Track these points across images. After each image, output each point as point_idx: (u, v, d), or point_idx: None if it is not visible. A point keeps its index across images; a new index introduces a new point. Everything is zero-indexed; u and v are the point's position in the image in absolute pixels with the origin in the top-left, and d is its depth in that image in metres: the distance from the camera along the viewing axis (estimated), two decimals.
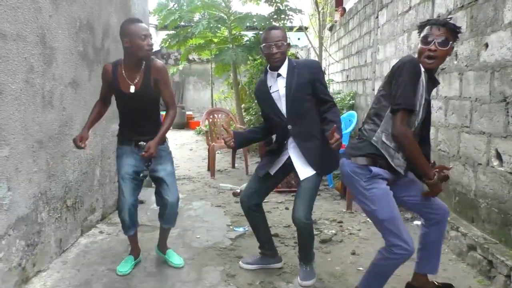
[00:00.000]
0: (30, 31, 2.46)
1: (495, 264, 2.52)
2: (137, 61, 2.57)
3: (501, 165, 2.67)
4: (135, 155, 2.64)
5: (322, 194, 4.76)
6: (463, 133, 3.14)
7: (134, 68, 2.58)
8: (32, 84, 2.50)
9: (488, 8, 2.79)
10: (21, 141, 2.40)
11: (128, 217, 2.65)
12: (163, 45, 7.70)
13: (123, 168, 2.66)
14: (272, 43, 2.44)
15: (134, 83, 2.57)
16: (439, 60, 2.07)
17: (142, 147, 2.58)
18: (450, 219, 3.15)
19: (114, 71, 2.60)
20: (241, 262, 2.87)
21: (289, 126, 2.51)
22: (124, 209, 2.63)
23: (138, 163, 2.65)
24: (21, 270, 2.42)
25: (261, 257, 2.85)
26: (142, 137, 2.63)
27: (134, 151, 2.65)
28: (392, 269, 2.16)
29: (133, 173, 2.65)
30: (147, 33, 2.51)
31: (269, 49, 2.45)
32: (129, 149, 2.67)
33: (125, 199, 2.63)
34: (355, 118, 5.24)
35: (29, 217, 2.50)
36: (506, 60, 2.59)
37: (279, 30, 2.50)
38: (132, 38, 2.47)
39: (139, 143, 2.62)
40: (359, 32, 6.47)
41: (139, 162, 2.64)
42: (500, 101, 2.65)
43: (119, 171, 2.69)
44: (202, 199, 4.45)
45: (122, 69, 2.59)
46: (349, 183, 2.27)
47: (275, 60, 2.47)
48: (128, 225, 2.68)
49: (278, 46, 2.44)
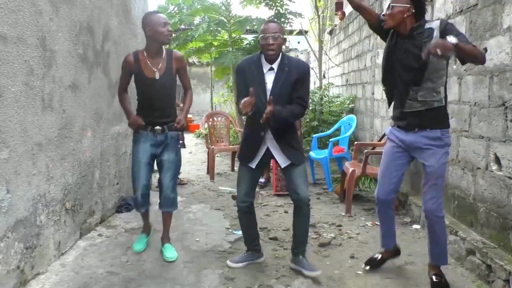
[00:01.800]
0: (30, 34, 2.47)
1: (494, 269, 2.52)
2: (159, 48, 2.87)
3: (500, 169, 2.68)
4: (150, 140, 2.91)
5: (321, 197, 4.76)
6: (462, 137, 3.15)
7: (156, 55, 2.87)
8: (32, 87, 2.51)
9: (487, 13, 2.80)
10: (21, 144, 2.40)
11: (141, 197, 2.96)
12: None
13: (139, 152, 2.93)
14: (270, 34, 2.54)
15: (158, 68, 2.86)
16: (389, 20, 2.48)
17: (158, 131, 2.89)
18: (449, 223, 3.16)
19: (136, 59, 2.87)
20: (229, 261, 2.90)
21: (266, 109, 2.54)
22: (138, 189, 2.94)
23: (152, 148, 2.93)
24: (20, 273, 2.42)
25: (248, 254, 2.95)
26: (160, 119, 2.90)
27: (149, 135, 2.91)
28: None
29: (147, 158, 2.93)
30: (166, 21, 2.83)
31: (266, 40, 2.55)
32: (145, 133, 2.92)
33: (139, 181, 2.94)
34: (354, 122, 5.25)
35: (28, 219, 2.50)
36: (505, 65, 2.59)
37: (276, 24, 2.65)
38: (154, 26, 2.78)
39: (155, 127, 2.89)
40: (359, 36, 6.48)
41: (153, 147, 2.93)
42: (499, 106, 2.66)
43: (134, 155, 2.96)
44: (202, 202, 4.45)
45: (145, 57, 2.86)
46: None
47: (271, 51, 2.56)
48: (141, 203, 3.00)
49: (274, 38, 2.54)
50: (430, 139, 2.46)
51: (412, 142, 2.52)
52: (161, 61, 2.86)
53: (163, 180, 2.96)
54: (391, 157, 2.64)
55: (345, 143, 5.27)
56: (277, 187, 4.80)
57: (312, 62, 11.00)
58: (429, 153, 2.47)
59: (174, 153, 2.99)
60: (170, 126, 2.95)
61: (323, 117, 6.73)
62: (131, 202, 4.04)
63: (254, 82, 2.60)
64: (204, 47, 7.70)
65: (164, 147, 2.94)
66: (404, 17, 2.44)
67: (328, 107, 6.93)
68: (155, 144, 2.92)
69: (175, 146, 2.99)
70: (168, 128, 2.94)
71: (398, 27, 2.49)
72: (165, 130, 2.92)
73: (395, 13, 2.44)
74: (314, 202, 4.58)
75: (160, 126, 2.90)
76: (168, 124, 2.93)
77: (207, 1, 7.08)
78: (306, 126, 6.66)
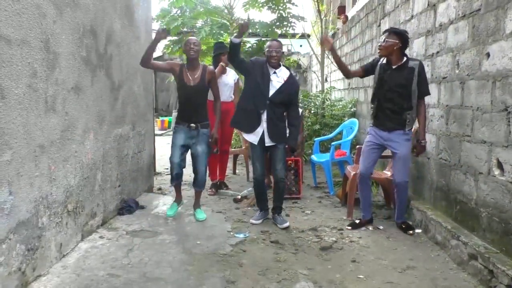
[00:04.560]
0: (34, 36, 2.48)
1: (496, 274, 2.51)
2: (193, 61, 3.83)
3: (502, 174, 2.67)
4: (186, 132, 3.85)
5: (322, 201, 4.75)
6: (464, 142, 3.14)
7: (193, 68, 3.85)
8: (35, 89, 2.52)
9: (489, 18, 2.80)
10: (24, 146, 2.41)
11: (175, 173, 3.93)
12: (165, 51, 7.73)
13: (177, 139, 3.87)
14: (273, 49, 3.72)
15: (194, 78, 3.82)
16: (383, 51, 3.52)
17: (193, 128, 3.82)
18: (451, 227, 3.15)
19: (180, 69, 3.85)
20: (252, 219, 3.93)
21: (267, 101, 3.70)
22: (173, 167, 3.90)
23: (186, 138, 3.86)
24: (21, 275, 2.42)
25: (262, 213, 3.98)
26: (194, 118, 3.83)
27: (184, 129, 3.86)
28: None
29: (182, 144, 3.86)
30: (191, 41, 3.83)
31: (271, 53, 3.71)
32: (182, 127, 3.86)
33: (174, 160, 3.88)
34: (356, 126, 5.25)
35: (30, 221, 2.50)
36: (508, 70, 2.59)
37: (278, 42, 3.81)
38: (185, 47, 3.87)
39: (191, 124, 3.82)
40: (361, 40, 6.49)
41: (188, 138, 3.86)
42: (502, 111, 2.66)
43: (173, 140, 3.89)
44: (203, 205, 4.43)
45: (186, 69, 3.86)
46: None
47: (274, 61, 3.72)
48: (174, 178, 3.98)
49: (277, 52, 3.73)
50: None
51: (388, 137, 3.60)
52: (197, 73, 3.82)
53: (197, 166, 3.90)
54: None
55: (347, 146, 5.27)
56: None
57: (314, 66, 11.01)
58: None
59: (205, 144, 3.87)
60: (203, 124, 3.85)
61: (325, 120, 6.74)
62: (132, 204, 4.07)
63: (263, 77, 3.69)
64: (206, 50, 7.72)
65: (198, 140, 3.83)
66: (394, 49, 3.43)
67: (330, 110, 6.94)
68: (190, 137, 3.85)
69: (205, 139, 3.87)
70: (201, 126, 3.85)
71: (390, 56, 3.48)
72: (198, 127, 3.83)
73: (388, 46, 3.44)
74: (316, 205, 4.58)
75: (194, 124, 3.81)
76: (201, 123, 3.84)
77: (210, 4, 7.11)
78: (308, 129, 6.66)
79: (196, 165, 3.90)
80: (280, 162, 3.80)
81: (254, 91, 3.71)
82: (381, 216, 4.13)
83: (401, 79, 3.44)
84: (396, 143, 3.53)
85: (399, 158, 3.54)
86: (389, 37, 3.43)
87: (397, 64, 3.47)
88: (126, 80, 4.12)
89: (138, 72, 4.50)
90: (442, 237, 3.25)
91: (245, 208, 4.40)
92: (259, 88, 3.68)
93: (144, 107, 4.71)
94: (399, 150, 3.52)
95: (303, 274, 2.84)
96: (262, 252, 3.20)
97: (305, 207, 4.44)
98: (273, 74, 3.72)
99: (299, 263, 3.03)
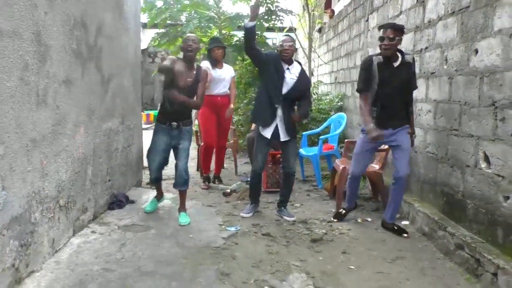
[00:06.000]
0: (25, 28, 2.43)
1: (482, 263, 2.60)
2: (189, 60, 3.65)
3: (489, 167, 2.76)
4: (167, 133, 3.67)
5: (311, 194, 4.82)
6: (452, 135, 3.23)
7: (188, 68, 3.65)
8: (27, 82, 2.47)
9: (478, 15, 2.87)
10: (16, 140, 2.37)
11: (155, 175, 3.85)
12: (152, 44, 7.64)
13: (157, 142, 3.70)
14: (286, 43, 3.72)
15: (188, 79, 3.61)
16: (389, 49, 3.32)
17: (174, 127, 3.64)
18: (439, 219, 3.24)
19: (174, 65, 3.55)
20: (242, 213, 3.96)
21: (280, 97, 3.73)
22: (153, 169, 3.80)
23: (168, 140, 3.69)
24: (15, 271, 2.39)
25: (253, 205, 4.03)
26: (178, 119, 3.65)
27: (166, 129, 3.67)
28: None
29: (163, 147, 3.70)
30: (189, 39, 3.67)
31: (283, 47, 3.72)
32: (164, 126, 3.66)
33: (154, 163, 3.75)
34: (344, 120, 5.32)
35: (23, 216, 2.46)
36: (495, 66, 2.67)
37: (291, 37, 3.84)
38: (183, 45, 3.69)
39: (172, 123, 3.64)
40: (348, 35, 6.55)
41: (169, 139, 3.69)
42: (489, 106, 2.74)
43: (154, 142, 3.72)
44: (193, 199, 4.45)
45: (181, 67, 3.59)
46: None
47: (286, 55, 3.73)
48: (154, 179, 3.91)
49: (290, 46, 3.73)
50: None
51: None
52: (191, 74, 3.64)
53: (177, 162, 3.72)
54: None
55: (334, 140, 5.33)
56: (267, 183, 4.83)
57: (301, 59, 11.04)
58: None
59: (188, 141, 3.73)
60: (185, 122, 3.70)
61: (312, 114, 6.78)
62: (122, 199, 4.05)
63: (277, 72, 3.70)
64: None
65: (180, 136, 3.68)
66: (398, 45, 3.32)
67: (317, 105, 6.99)
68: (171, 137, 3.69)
69: (188, 136, 3.73)
70: (183, 124, 3.69)
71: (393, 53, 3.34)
72: (180, 125, 3.67)
73: (395, 44, 3.29)
74: (305, 199, 4.63)
75: (176, 122, 3.64)
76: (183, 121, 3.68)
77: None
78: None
79: (177, 160, 3.73)
80: (293, 156, 3.89)
81: (269, 86, 3.74)
82: (369, 209, 4.22)
83: (403, 76, 3.36)
84: (399, 136, 3.43)
85: (402, 150, 3.41)
86: (396, 35, 3.26)
87: (397, 61, 3.36)
88: (116, 73, 4.08)
89: (128, 65, 4.45)
90: (429, 228, 3.34)
91: (234, 202, 4.42)
92: (274, 83, 3.71)
93: (133, 101, 4.67)
94: (402, 142, 3.41)
95: (295, 266, 2.89)
96: (254, 245, 3.24)
97: (294, 200, 4.49)
98: (286, 70, 3.73)
99: (291, 255, 3.08)
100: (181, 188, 3.76)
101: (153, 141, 3.72)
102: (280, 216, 3.93)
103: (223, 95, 4.92)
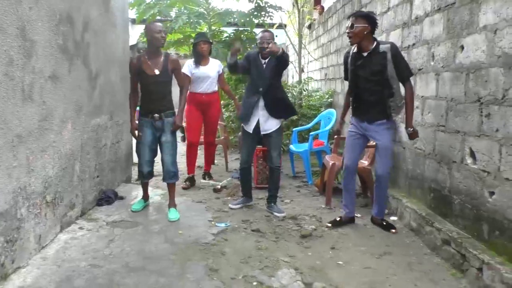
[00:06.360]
0: (10, 23, 2.40)
1: (468, 258, 2.63)
2: (156, 50, 3.61)
3: (475, 162, 2.79)
4: (151, 126, 3.67)
5: (301, 190, 4.83)
6: (439, 131, 3.26)
7: (155, 57, 3.61)
8: (12, 77, 2.44)
9: (464, 11, 2.90)
10: (1, 136, 2.34)
11: (147, 169, 3.78)
12: (141, 40, 7.58)
13: (143, 135, 3.69)
14: (265, 40, 3.70)
15: (157, 67, 3.59)
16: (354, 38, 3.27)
17: (157, 118, 3.64)
18: (425, 214, 3.28)
19: (139, 61, 3.61)
20: (230, 205, 4.06)
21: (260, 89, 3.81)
22: (143, 164, 3.75)
23: (153, 133, 3.69)
24: (0, 267, 2.37)
25: (244, 198, 4.11)
26: (158, 109, 3.63)
27: (149, 122, 3.66)
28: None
29: (150, 139, 3.69)
30: (161, 29, 3.58)
31: (262, 44, 3.71)
32: (147, 120, 3.66)
33: (144, 158, 3.74)
34: (334, 116, 5.33)
35: (9, 212, 2.44)
36: (481, 62, 2.70)
37: (270, 33, 3.79)
38: (152, 33, 3.54)
39: (154, 115, 3.63)
40: (338, 31, 6.56)
41: (154, 132, 3.69)
42: (475, 102, 2.77)
43: (140, 136, 3.70)
44: (183, 195, 4.44)
45: (146, 58, 3.60)
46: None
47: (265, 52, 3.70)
48: (145, 176, 3.83)
49: (268, 43, 3.67)
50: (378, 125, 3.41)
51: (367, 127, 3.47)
52: (159, 62, 3.60)
53: (163, 156, 3.71)
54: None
55: (324, 136, 5.35)
56: (257, 180, 4.84)
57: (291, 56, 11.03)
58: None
59: (171, 134, 3.70)
60: (167, 113, 3.66)
61: (302, 110, 6.80)
62: (111, 195, 4.02)
63: (256, 67, 3.80)
64: (183, 39, 7.63)
65: (162, 131, 3.67)
66: (364, 34, 3.22)
67: (308, 101, 7.00)
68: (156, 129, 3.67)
69: (171, 130, 3.69)
70: (165, 115, 3.65)
71: (361, 42, 3.27)
72: (162, 117, 3.64)
73: (358, 32, 3.22)
74: (294, 195, 4.64)
75: (157, 114, 3.62)
76: (164, 112, 3.64)
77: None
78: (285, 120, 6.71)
79: (163, 155, 3.72)
80: (276, 150, 3.88)
81: (250, 83, 3.90)
82: (358, 204, 4.23)
83: (374, 66, 3.23)
84: (375, 133, 3.37)
85: (379, 149, 3.39)
86: (357, 22, 3.19)
87: (368, 50, 3.25)
88: (104, 69, 4.04)
89: (116, 61, 4.42)
90: (417, 223, 3.38)
91: (225, 198, 4.42)
92: (254, 79, 3.82)
93: (121, 97, 4.63)
94: (379, 140, 3.37)
95: (284, 261, 2.90)
96: (244, 241, 3.25)
97: (284, 196, 4.50)
98: (263, 64, 3.81)
99: (280, 250, 3.09)
100: (170, 181, 3.77)
101: (139, 135, 3.72)
102: (270, 212, 3.93)
103: (207, 92, 4.85)
